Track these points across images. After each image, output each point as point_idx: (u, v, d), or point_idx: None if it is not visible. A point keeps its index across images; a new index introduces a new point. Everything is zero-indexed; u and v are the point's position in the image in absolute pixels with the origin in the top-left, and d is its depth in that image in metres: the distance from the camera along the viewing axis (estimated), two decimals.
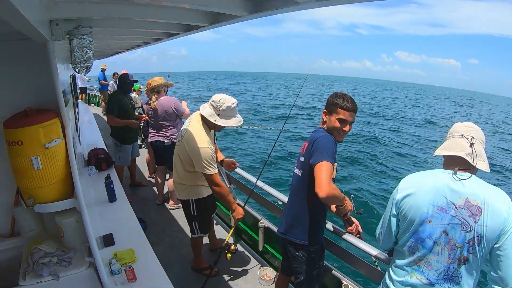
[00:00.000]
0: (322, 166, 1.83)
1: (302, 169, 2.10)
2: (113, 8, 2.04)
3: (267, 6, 2.13)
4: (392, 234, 1.65)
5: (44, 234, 2.43)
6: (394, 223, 1.62)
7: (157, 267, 2.04)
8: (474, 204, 1.39)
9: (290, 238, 2.17)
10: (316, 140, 1.97)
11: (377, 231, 1.79)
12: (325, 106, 2.12)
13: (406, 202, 1.54)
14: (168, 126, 4.35)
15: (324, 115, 2.11)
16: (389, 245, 1.73)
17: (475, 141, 1.50)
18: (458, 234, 1.42)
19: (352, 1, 1.69)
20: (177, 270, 3.28)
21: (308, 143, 2.05)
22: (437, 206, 1.46)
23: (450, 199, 1.44)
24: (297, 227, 2.15)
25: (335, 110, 2.05)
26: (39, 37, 1.67)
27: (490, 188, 1.43)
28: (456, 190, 1.44)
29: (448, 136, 1.64)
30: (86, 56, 2.12)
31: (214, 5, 2.07)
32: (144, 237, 2.35)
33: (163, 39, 4.15)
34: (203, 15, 2.63)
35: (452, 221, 1.43)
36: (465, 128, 1.58)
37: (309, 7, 1.93)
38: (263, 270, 3.15)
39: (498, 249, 1.37)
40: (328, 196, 1.77)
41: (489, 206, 1.37)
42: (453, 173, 1.47)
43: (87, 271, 2.13)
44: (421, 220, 1.49)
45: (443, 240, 1.45)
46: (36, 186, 2.04)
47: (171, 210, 4.52)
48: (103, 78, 11.43)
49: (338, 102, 2.03)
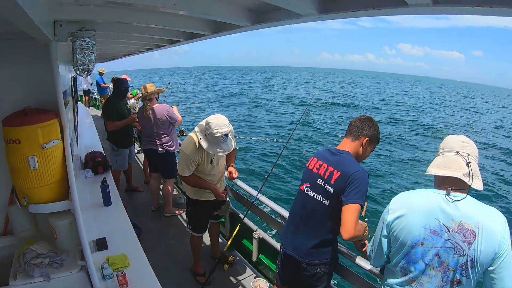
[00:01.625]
0: (353, 208, 1.79)
1: (329, 199, 1.94)
2: (116, 13, 2.07)
3: (270, 17, 2.16)
4: (383, 254, 1.61)
5: (37, 235, 2.41)
6: (385, 243, 1.57)
7: (149, 274, 2.02)
8: (467, 228, 1.35)
9: (312, 261, 2.07)
10: (353, 175, 1.83)
11: (368, 249, 1.76)
12: (369, 133, 1.99)
13: (397, 223, 1.49)
14: (161, 135, 4.29)
15: (364, 142, 1.99)
16: (380, 263, 1.70)
17: (471, 159, 1.45)
18: (451, 258, 1.38)
19: (353, 16, 1.72)
20: (171, 276, 3.24)
21: (340, 173, 1.88)
22: (429, 229, 1.41)
23: (443, 222, 1.39)
24: (321, 250, 2.06)
25: (375, 143, 2.04)
26: (42, 37, 1.68)
27: (484, 210, 1.39)
28: (449, 213, 1.39)
29: (441, 151, 1.56)
30: (88, 59, 2.14)
31: (218, 15, 2.09)
32: (138, 242, 2.33)
33: (165, 46, 4.19)
34: (206, 23, 2.66)
35: (445, 244, 1.39)
36: (460, 144, 1.50)
37: (311, 20, 1.96)
38: (257, 281, 3.11)
39: (492, 272, 1.34)
40: (352, 238, 1.79)
41: (484, 230, 1.33)
42: (446, 194, 1.41)
43: (78, 274, 2.11)
44: (412, 243, 1.44)
45: (435, 262, 1.41)
46: (31, 186, 2.04)
47: (166, 217, 4.49)
48: (102, 82, 11.47)
49: (379, 136, 2.04)
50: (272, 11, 2.13)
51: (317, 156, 2.08)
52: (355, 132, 2.01)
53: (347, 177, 1.84)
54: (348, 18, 1.78)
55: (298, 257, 2.12)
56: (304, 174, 2.13)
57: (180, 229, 4.19)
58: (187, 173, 2.79)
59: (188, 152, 2.72)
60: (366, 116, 2.07)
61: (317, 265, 2.08)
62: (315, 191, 2.01)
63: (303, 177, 2.13)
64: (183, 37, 3.30)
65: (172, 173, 4.53)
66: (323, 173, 1.97)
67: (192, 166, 2.76)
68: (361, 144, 2.00)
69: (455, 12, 1.36)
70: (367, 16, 1.72)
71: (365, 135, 1.99)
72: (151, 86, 4.37)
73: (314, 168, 2.04)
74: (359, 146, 2.00)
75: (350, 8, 1.65)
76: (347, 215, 1.80)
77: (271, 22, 2.17)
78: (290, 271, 2.26)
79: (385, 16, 1.65)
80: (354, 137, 2.01)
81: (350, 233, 1.76)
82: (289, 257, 2.18)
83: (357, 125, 2.02)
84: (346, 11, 1.69)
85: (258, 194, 3.10)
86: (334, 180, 1.90)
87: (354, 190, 1.81)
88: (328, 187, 1.93)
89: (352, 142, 2.01)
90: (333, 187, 1.90)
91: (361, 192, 1.81)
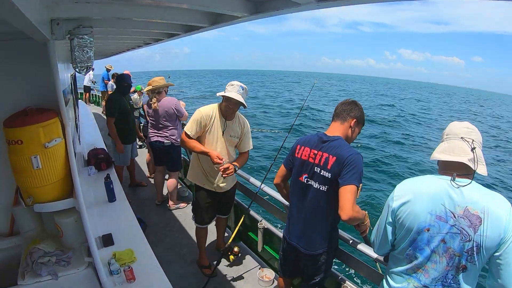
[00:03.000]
0: (350, 189, 1.82)
1: (327, 185, 1.98)
2: (113, 8, 2.04)
3: (268, 7, 2.14)
4: (388, 242, 1.61)
5: (43, 234, 2.43)
6: (390, 231, 1.58)
7: (156, 268, 2.04)
8: (473, 214, 1.35)
9: (311, 252, 2.12)
10: (348, 158, 1.87)
11: (372, 236, 1.76)
12: (356, 115, 2.07)
13: (402, 210, 1.49)
14: (168, 127, 4.36)
15: (352, 123, 2.06)
16: (385, 251, 1.70)
17: (476, 145, 1.44)
18: (457, 244, 1.38)
19: (353, 3, 1.70)
20: (176, 270, 3.28)
21: (336, 158, 1.92)
22: (435, 215, 1.41)
23: (448, 207, 1.39)
24: (320, 239, 2.10)
25: (361, 124, 2.10)
26: (40, 36, 1.67)
27: (490, 195, 1.38)
28: (454, 198, 1.39)
29: (445, 137, 1.56)
30: (87, 56, 2.12)
31: (215, 6, 2.07)
32: (144, 237, 2.34)
33: (164, 40, 4.16)
34: (204, 15, 2.63)
35: (450, 230, 1.39)
36: (464, 129, 1.50)
37: (309, 8, 1.93)
38: (262, 271, 3.15)
39: (498, 258, 1.34)
40: (351, 219, 1.81)
41: (489, 215, 1.32)
42: (451, 180, 1.41)
43: (86, 271, 2.13)
44: (418, 229, 1.45)
45: (441, 248, 1.42)
46: (35, 186, 2.04)
47: (171, 210, 4.51)
48: (107, 78, 11.48)
49: (364, 116, 2.09)
50: (270, 0, 2.11)
51: (306, 144, 2.11)
52: (342, 115, 2.09)
53: (343, 160, 1.89)
54: (346, 5, 1.76)
55: (299, 247, 2.16)
56: (297, 164, 2.14)
57: (185, 222, 4.22)
58: (192, 132, 2.82)
59: (203, 111, 2.83)
60: (351, 100, 2.15)
61: (319, 254, 2.11)
62: (313, 179, 2.04)
63: (297, 168, 2.14)
64: (181, 30, 3.27)
65: (177, 166, 4.57)
66: (318, 161, 2.01)
67: (200, 126, 2.82)
68: (350, 126, 2.07)
69: None
70: (365, 3, 1.70)
71: (352, 117, 2.07)
72: (161, 79, 4.42)
73: (307, 157, 2.07)
74: (347, 128, 2.07)
75: None
76: (344, 196, 1.82)
77: (269, 12, 2.14)
78: (292, 262, 2.30)
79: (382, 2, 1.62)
80: (342, 119, 2.08)
81: (349, 214, 1.78)
82: (291, 247, 2.22)
83: (344, 108, 2.10)
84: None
85: (262, 185, 3.12)
86: (331, 165, 1.94)
87: (350, 172, 1.85)
88: (326, 173, 1.96)
89: (341, 125, 2.08)
90: (330, 172, 1.94)
91: (357, 173, 1.85)
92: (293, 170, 2.18)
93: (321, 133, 2.10)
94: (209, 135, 2.86)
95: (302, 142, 2.15)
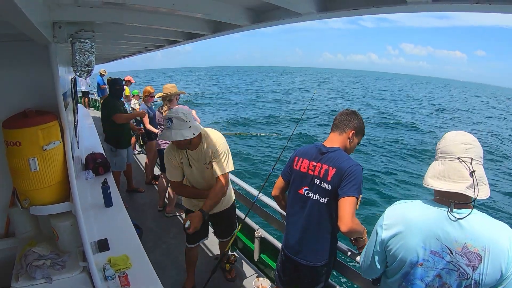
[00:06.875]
0: (350, 201, 1.81)
1: (327, 197, 1.95)
2: (115, 14, 2.06)
3: (270, 16, 2.16)
4: (375, 269, 1.51)
5: (38, 236, 2.41)
6: (377, 260, 1.47)
7: (151, 274, 2.02)
8: (473, 252, 1.21)
9: (314, 264, 2.08)
10: (348, 169, 1.86)
11: (360, 259, 1.66)
12: (355, 126, 2.05)
13: (393, 242, 1.36)
14: None
15: (351, 134, 2.04)
16: (372, 276, 1.64)
17: (475, 164, 1.27)
18: (453, 280, 1.26)
19: (352, 14, 1.71)
20: (172, 277, 3.24)
21: (336, 170, 1.89)
22: (429, 250, 1.28)
23: (445, 243, 1.26)
24: (321, 251, 2.07)
25: (361, 135, 2.10)
26: (42, 39, 1.68)
27: (493, 227, 1.24)
28: (452, 233, 1.24)
29: (439, 155, 1.37)
30: (88, 60, 2.14)
31: (217, 14, 2.09)
32: (139, 243, 2.33)
33: (165, 46, 4.19)
34: (206, 23, 2.65)
35: (447, 266, 1.26)
36: (461, 146, 1.30)
37: (311, 19, 1.96)
38: (258, 280, 3.11)
39: None
40: (350, 231, 1.80)
41: (491, 252, 1.19)
42: (448, 211, 1.27)
43: (80, 276, 2.11)
44: (411, 263, 1.32)
45: (436, 283, 1.30)
46: (32, 188, 2.04)
47: (168, 217, 4.49)
48: (102, 83, 11.48)
49: (364, 128, 2.09)
50: (272, 10, 2.13)
51: (305, 156, 2.08)
52: (341, 126, 2.07)
53: (343, 172, 1.87)
54: (347, 16, 1.78)
55: (299, 259, 2.12)
56: (296, 177, 2.11)
57: (181, 229, 4.18)
58: (177, 177, 2.64)
59: (167, 152, 2.62)
60: (351, 110, 2.13)
61: (320, 266, 2.09)
62: (313, 191, 2.02)
63: (296, 181, 2.10)
64: (183, 37, 3.29)
65: None
66: (318, 172, 1.98)
67: (176, 167, 2.61)
68: (348, 137, 2.05)
69: (454, 9, 1.34)
70: (366, 15, 1.71)
71: (351, 127, 2.05)
72: (173, 87, 4.39)
73: (307, 169, 2.04)
74: (346, 139, 2.05)
75: (349, 6, 1.65)
76: (344, 208, 1.81)
77: (270, 21, 2.17)
78: (290, 273, 2.26)
79: (384, 14, 1.64)
80: (341, 130, 2.06)
81: (348, 225, 1.77)
82: (290, 259, 2.18)
83: (342, 119, 2.08)
84: (345, 10, 1.69)
85: (259, 194, 3.10)
86: (331, 177, 1.92)
87: (349, 183, 1.84)
88: (326, 185, 1.94)
89: (340, 136, 2.06)
90: (330, 184, 1.92)
91: (357, 185, 1.84)
92: (291, 182, 2.16)
93: (319, 144, 2.08)
94: (186, 170, 2.67)
95: (300, 153, 2.12)
